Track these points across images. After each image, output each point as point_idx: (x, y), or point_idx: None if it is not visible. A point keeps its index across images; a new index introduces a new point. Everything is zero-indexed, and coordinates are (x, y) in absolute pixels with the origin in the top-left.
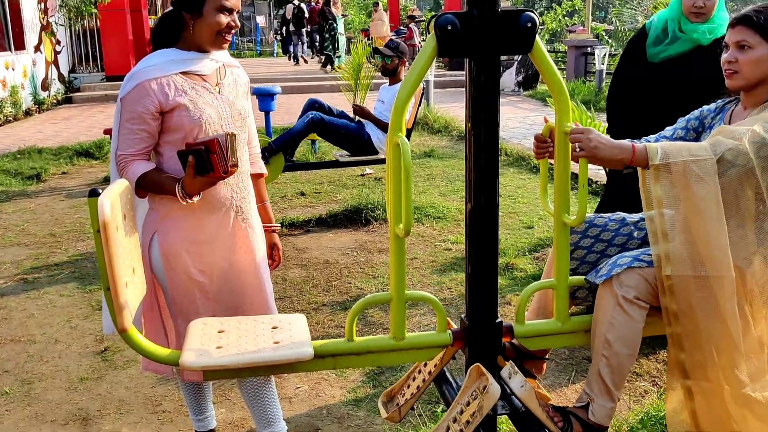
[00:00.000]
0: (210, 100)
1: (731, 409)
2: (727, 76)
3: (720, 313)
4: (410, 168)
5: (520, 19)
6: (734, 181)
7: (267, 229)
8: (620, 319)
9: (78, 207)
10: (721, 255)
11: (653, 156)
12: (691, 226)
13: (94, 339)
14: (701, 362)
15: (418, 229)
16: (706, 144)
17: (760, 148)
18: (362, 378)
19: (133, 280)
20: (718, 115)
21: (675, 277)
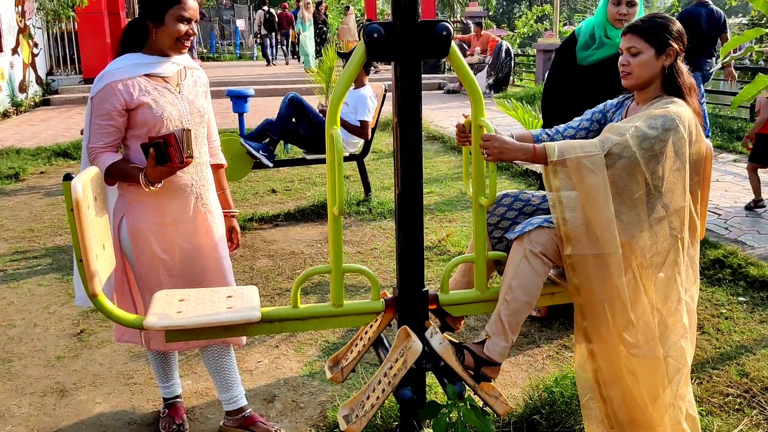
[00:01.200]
0: (171, 99)
1: (624, 367)
2: (623, 77)
3: (612, 285)
4: (341, 156)
5: (436, 28)
6: (623, 171)
7: (226, 214)
8: (525, 269)
9: (56, 204)
10: (610, 235)
11: (551, 154)
12: (585, 212)
13: (71, 323)
14: (599, 327)
15: (380, 223)
16: (596, 141)
17: (642, 141)
18: (318, 353)
19: (103, 254)
20: (618, 110)
21: (574, 256)
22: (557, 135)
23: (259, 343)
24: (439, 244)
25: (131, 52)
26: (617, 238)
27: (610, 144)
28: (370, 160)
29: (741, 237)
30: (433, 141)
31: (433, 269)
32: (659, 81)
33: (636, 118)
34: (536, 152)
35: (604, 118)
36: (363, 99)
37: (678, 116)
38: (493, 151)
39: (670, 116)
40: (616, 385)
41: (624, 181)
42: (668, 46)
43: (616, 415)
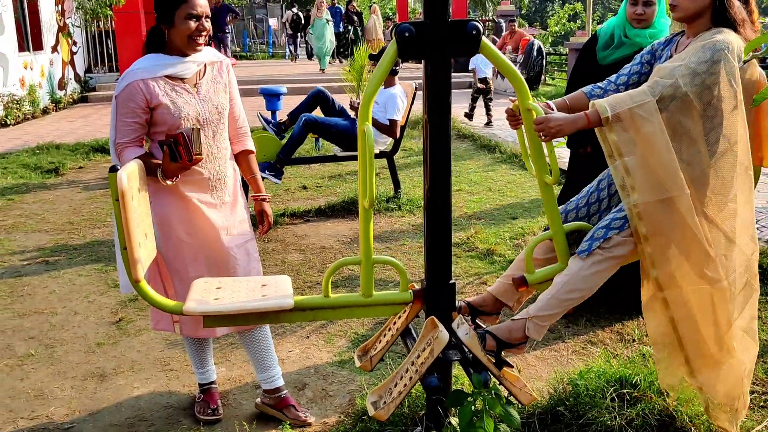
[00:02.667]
0: (188, 100)
1: (704, 306)
2: (672, 9)
3: (685, 226)
4: (372, 151)
5: (467, 27)
6: (677, 112)
7: (256, 198)
8: (595, 276)
9: (94, 198)
10: (675, 178)
11: (603, 111)
12: (646, 159)
13: (109, 311)
14: (673, 273)
15: (409, 220)
16: (645, 88)
17: (692, 79)
18: (347, 344)
19: (145, 243)
20: (666, 47)
21: (641, 204)
22: (610, 85)
23: (290, 333)
24: (467, 240)
25: (154, 52)
26: (683, 179)
27: (661, 88)
28: (400, 157)
29: None
30: (463, 139)
31: (462, 265)
32: (709, 13)
33: (684, 55)
34: (590, 119)
35: (653, 58)
36: (393, 98)
37: (726, 45)
38: (550, 131)
39: (718, 46)
40: (693, 327)
41: (681, 121)
42: None
43: (692, 358)
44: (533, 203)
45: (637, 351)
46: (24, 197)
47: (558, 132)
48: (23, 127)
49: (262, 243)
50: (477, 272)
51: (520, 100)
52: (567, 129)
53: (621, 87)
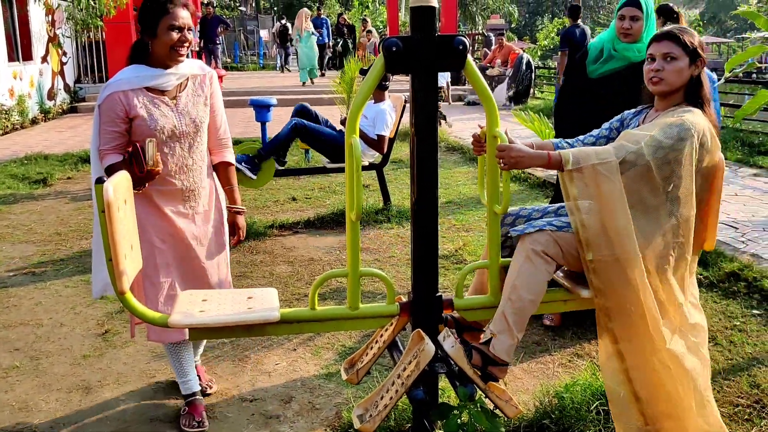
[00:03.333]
0: (165, 112)
1: (658, 362)
2: (654, 83)
3: (633, 286)
4: (360, 164)
5: (453, 42)
6: (636, 177)
7: (231, 209)
8: (527, 268)
9: (82, 209)
10: (628, 240)
11: (566, 162)
12: (602, 217)
13: (96, 323)
14: (628, 327)
15: (398, 232)
16: (610, 148)
17: (656, 150)
18: (335, 357)
19: (131, 255)
20: (635, 116)
21: (595, 260)
22: (577, 143)
23: (277, 346)
24: (455, 252)
25: (137, 63)
26: (635, 242)
27: (625, 152)
28: (390, 169)
29: (757, 251)
30: (453, 152)
31: (449, 277)
32: (683, 90)
33: (652, 126)
34: (551, 159)
35: (622, 126)
36: (382, 113)
37: (693, 125)
38: (509, 160)
39: (686, 125)
40: (648, 381)
41: (638, 187)
42: (699, 57)
43: (648, 411)
44: None
45: None
46: (11, 208)
47: (516, 163)
48: (12, 137)
49: (250, 255)
50: (465, 285)
51: (488, 126)
52: (526, 162)
53: (588, 145)
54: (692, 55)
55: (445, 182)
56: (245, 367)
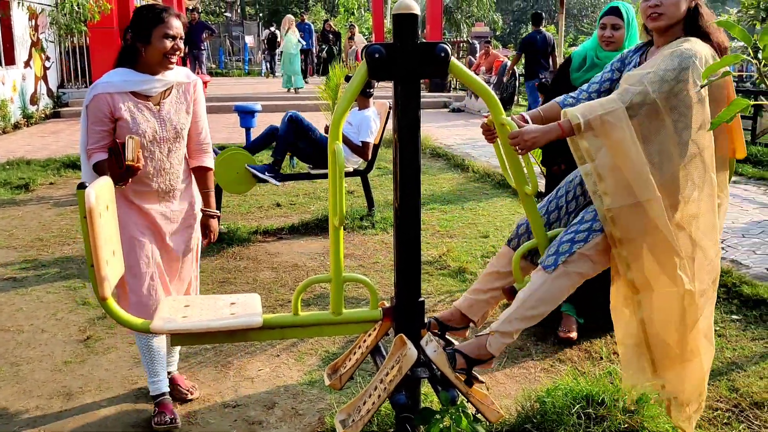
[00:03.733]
0: (148, 117)
1: (674, 308)
2: (653, 18)
3: (656, 229)
4: (342, 170)
5: (435, 49)
6: (647, 117)
7: (205, 212)
8: (557, 286)
9: (65, 215)
10: (645, 182)
11: (574, 119)
12: (618, 165)
13: (77, 329)
14: (646, 275)
15: (383, 238)
16: (614, 96)
17: (660, 85)
18: (318, 362)
19: (113, 260)
20: (635, 54)
21: (614, 209)
22: (582, 94)
23: (260, 352)
24: (439, 258)
25: (124, 67)
26: (654, 184)
27: (630, 95)
28: (375, 175)
29: (736, 256)
30: (437, 158)
31: (434, 283)
32: (682, 23)
33: (652, 62)
34: (563, 128)
35: (623, 65)
36: (366, 120)
37: (694, 53)
38: (525, 144)
39: (686, 54)
40: (662, 328)
41: (650, 126)
42: None
43: (657, 358)
44: (505, 222)
45: (605, 369)
46: None
47: (533, 144)
48: None
49: (234, 261)
50: (449, 290)
51: (493, 116)
52: (541, 140)
53: (593, 94)
54: None
55: (429, 188)
56: (228, 373)
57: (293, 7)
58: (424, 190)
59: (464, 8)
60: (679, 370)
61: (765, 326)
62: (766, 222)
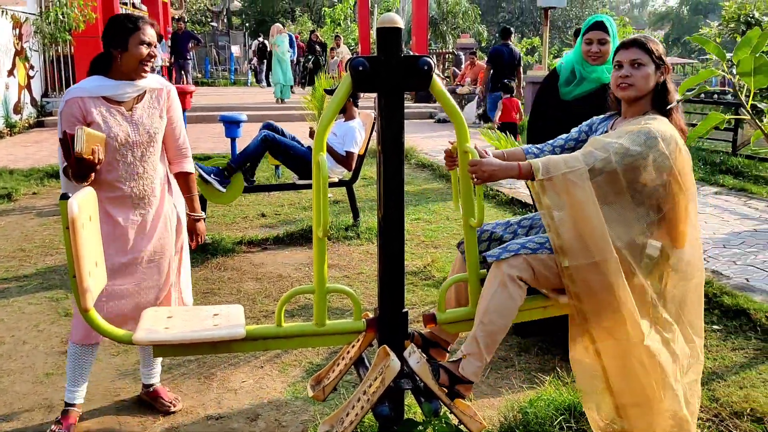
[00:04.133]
0: (120, 121)
1: (635, 359)
2: (622, 89)
3: (612, 287)
4: (326, 181)
5: (418, 62)
6: (605, 183)
7: (190, 216)
8: (501, 294)
9: (47, 225)
10: (603, 243)
11: (536, 172)
12: (576, 224)
13: (60, 341)
14: (605, 327)
15: (368, 248)
16: (579, 155)
17: (624, 158)
18: (302, 374)
19: (95, 272)
20: (603, 122)
21: (572, 267)
22: (546, 147)
23: (244, 363)
24: (424, 269)
25: (98, 74)
26: (611, 244)
27: (594, 159)
28: (360, 186)
29: (717, 267)
30: (423, 169)
31: (418, 294)
32: (650, 96)
33: (619, 133)
34: (521, 170)
35: (591, 131)
36: (351, 131)
37: (660, 133)
38: (482, 175)
39: (653, 133)
40: (624, 374)
41: (608, 192)
42: (663, 63)
43: (620, 401)
44: None
45: None
46: None
47: (490, 176)
48: None
49: (218, 271)
50: (433, 301)
51: (458, 142)
52: (499, 175)
53: (557, 149)
54: (657, 62)
55: (414, 199)
56: (211, 384)
57: (279, 17)
58: (410, 201)
59: (450, 20)
60: (642, 416)
61: (745, 336)
62: (746, 233)
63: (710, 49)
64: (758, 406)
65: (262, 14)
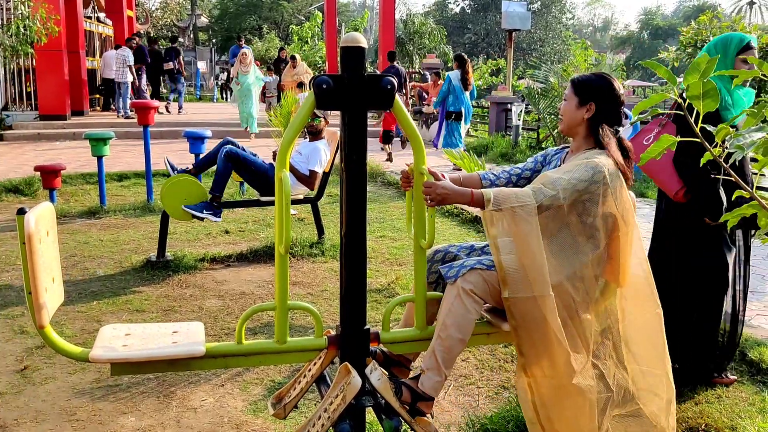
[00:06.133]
0: None
1: (565, 395)
2: (559, 123)
3: (546, 324)
4: (289, 198)
5: (381, 82)
6: (552, 218)
7: None
8: (458, 308)
9: (4, 240)
10: (542, 279)
11: (488, 202)
12: (520, 256)
13: (14, 359)
14: (537, 363)
15: (332, 266)
16: (529, 191)
17: (571, 193)
18: (263, 392)
19: (52, 287)
20: (556, 155)
21: (511, 299)
22: (503, 174)
23: (204, 381)
24: (388, 286)
25: None
26: (548, 282)
27: (543, 196)
28: (326, 203)
29: None
30: (388, 186)
31: (381, 311)
32: (584, 132)
33: (567, 167)
34: (474, 198)
35: (545, 161)
36: (317, 151)
37: (604, 166)
38: (436, 197)
39: (598, 168)
40: (555, 410)
41: (553, 227)
42: (589, 101)
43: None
44: None
45: None
46: None
47: (443, 199)
48: None
49: (180, 289)
50: (396, 318)
51: (415, 163)
52: (451, 199)
53: (513, 177)
54: (582, 96)
55: (379, 216)
56: (170, 403)
57: (246, 34)
58: (375, 218)
59: (416, 40)
60: None
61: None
62: None
63: (661, 74)
64: (712, 422)
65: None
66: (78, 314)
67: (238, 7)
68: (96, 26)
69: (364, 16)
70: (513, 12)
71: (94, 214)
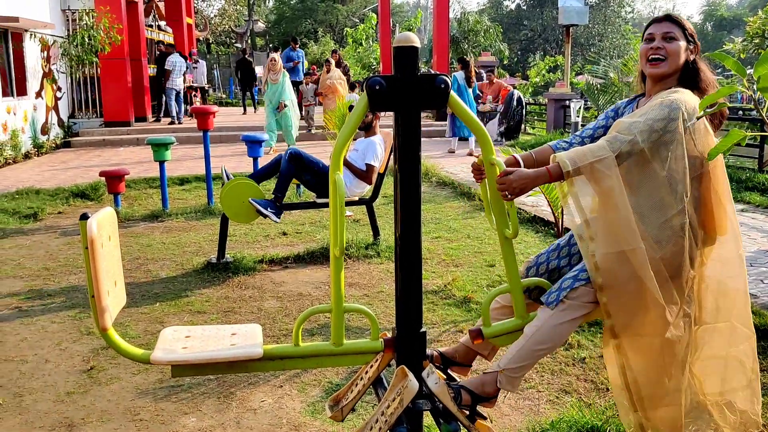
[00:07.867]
0: None
1: (656, 356)
2: (653, 65)
3: (638, 278)
4: (343, 200)
5: (435, 81)
6: (634, 166)
7: None
8: (564, 328)
9: (72, 244)
10: (630, 231)
11: (564, 165)
12: (604, 212)
13: (81, 359)
14: (627, 322)
15: (388, 267)
16: (604, 143)
17: (650, 135)
18: (321, 393)
19: (115, 291)
20: (629, 105)
21: (598, 255)
22: (575, 139)
23: (263, 382)
24: (444, 288)
25: None
26: (637, 233)
27: (619, 144)
28: (380, 204)
29: None
30: (443, 187)
31: (439, 313)
32: (677, 76)
33: (642, 111)
34: (551, 174)
35: (617, 116)
36: (372, 145)
37: (683, 104)
38: (513, 191)
39: (675, 105)
40: (642, 372)
41: (638, 175)
42: (695, 42)
43: (638, 398)
44: None
45: (611, 401)
46: (1, 242)
47: (522, 190)
48: (3, 172)
49: (239, 290)
50: (453, 320)
51: (484, 155)
52: (530, 186)
53: (586, 140)
54: (689, 38)
55: (435, 217)
56: (230, 404)
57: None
58: (430, 219)
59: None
60: (660, 413)
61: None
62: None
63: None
64: None
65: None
66: (141, 316)
67: (293, 11)
68: (157, 34)
69: (417, 15)
70: (570, 7)
71: (157, 218)
